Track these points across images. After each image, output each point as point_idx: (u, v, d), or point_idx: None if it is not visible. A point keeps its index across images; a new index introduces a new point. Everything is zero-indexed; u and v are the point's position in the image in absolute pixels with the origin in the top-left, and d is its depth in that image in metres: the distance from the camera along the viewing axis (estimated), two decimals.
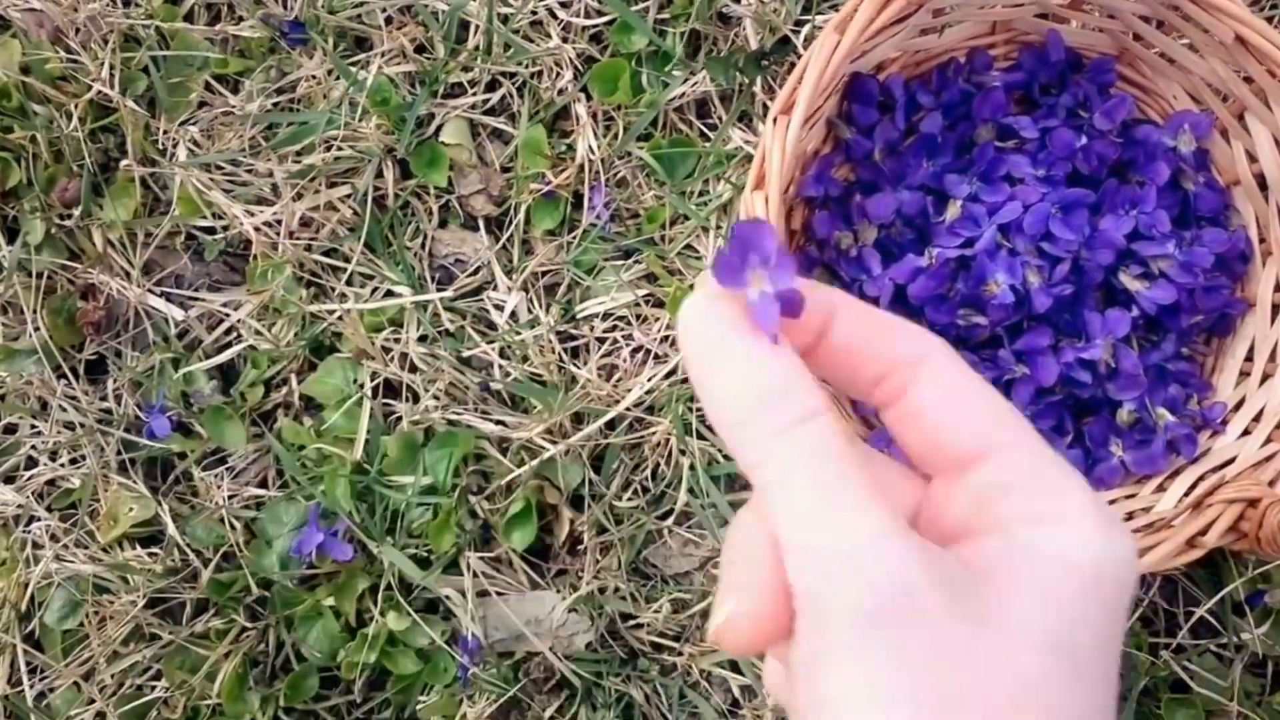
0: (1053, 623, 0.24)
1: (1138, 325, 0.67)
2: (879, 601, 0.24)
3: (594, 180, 0.77)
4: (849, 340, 0.28)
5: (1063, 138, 0.67)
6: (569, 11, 0.80)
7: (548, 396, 0.75)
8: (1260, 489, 0.55)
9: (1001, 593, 0.25)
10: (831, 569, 0.24)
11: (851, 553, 0.24)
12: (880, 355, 0.28)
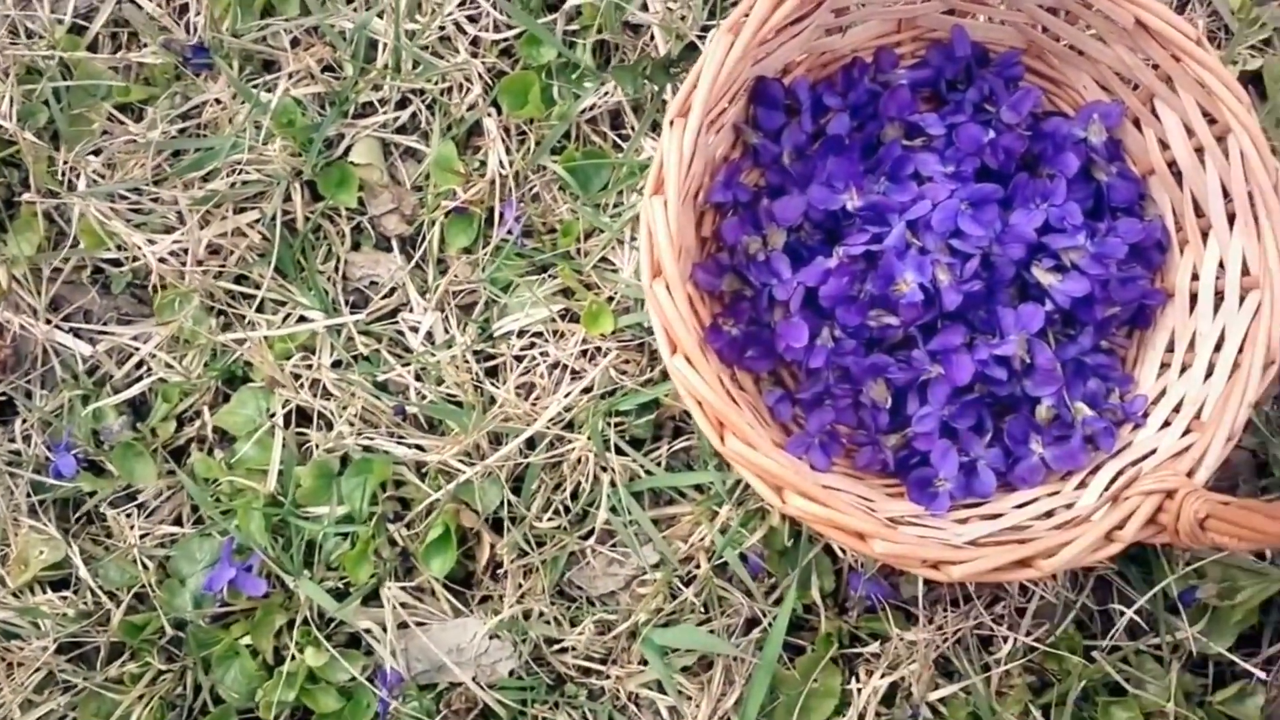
0: None
1: (1054, 320, 0.70)
2: None
3: (505, 195, 0.80)
4: None
5: (969, 133, 0.70)
6: (477, 26, 0.83)
7: (463, 418, 0.77)
8: (1177, 480, 0.58)
9: None
10: None
11: None
12: None
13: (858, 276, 0.68)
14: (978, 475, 0.69)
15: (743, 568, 0.75)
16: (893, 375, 0.69)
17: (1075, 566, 0.59)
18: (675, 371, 0.58)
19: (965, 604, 0.76)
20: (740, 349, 0.71)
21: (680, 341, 0.58)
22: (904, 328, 0.69)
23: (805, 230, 0.71)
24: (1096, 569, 0.76)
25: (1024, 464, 0.69)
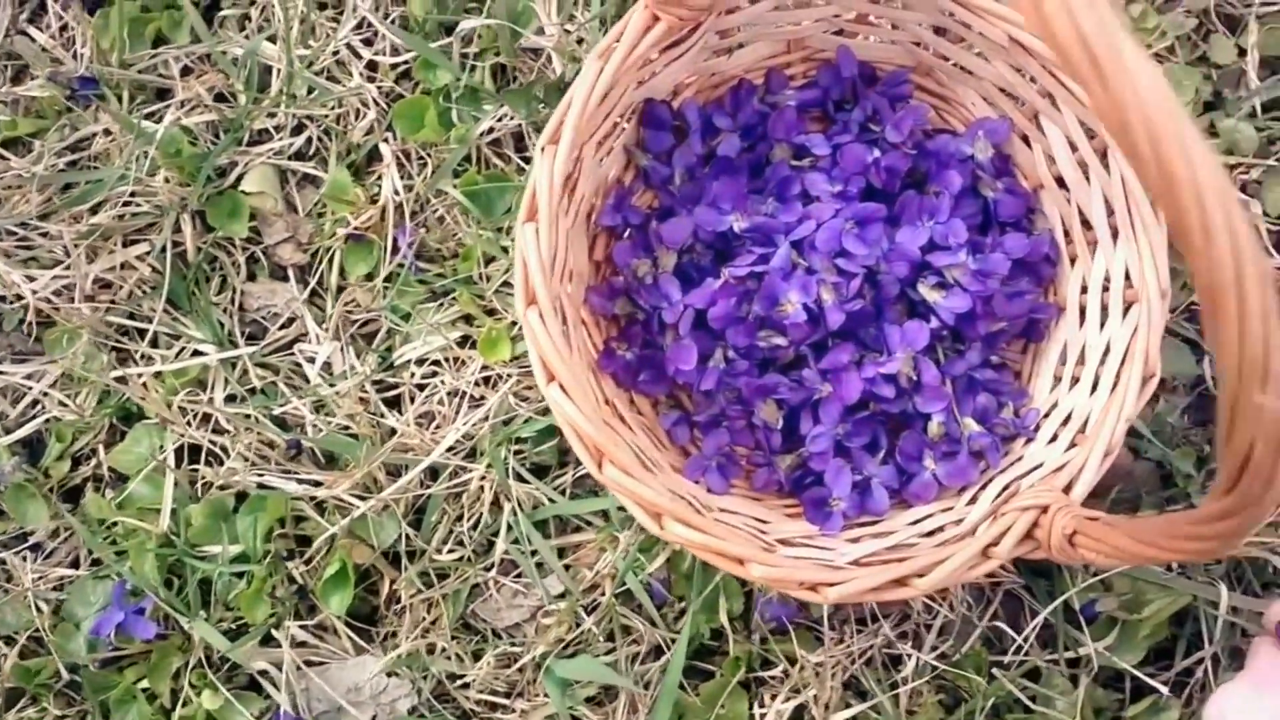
0: None
1: (942, 336, 0.72)
2: None
3: (399, 221, 0.81)
4: None
5: (853, 153, 0.73)
6: (372, 50, 0.85)
7: (358, 450, 0.78)
8: (1051, 495, 0.60)
9: None
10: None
11: None
12: None
13: (744, 298, 0.70)
14: (871, 493, 0.71)
15: (645, 594, 0.76)
16: (783, 395, 0.71)
17: (952, 584, 0.61)
18: (551, 400, 0.60)
19: (873, 622, 0.78)
20: (635, 372, 0.73)
21: (556, 370, 0.60)
22: (793, 347, 0.71)
23: (697, 251, 0.73)
24: (1004, 582, 0.78)
25: (917, 481, 0.71)
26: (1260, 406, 0.34)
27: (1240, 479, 0.37)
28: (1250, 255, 0.33)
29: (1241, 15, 0.82)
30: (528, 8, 0.82)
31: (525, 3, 0.82)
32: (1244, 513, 0.39)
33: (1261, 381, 0.34)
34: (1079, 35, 0.32)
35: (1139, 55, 0.32)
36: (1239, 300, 0.33)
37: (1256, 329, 0.33)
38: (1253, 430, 0.35)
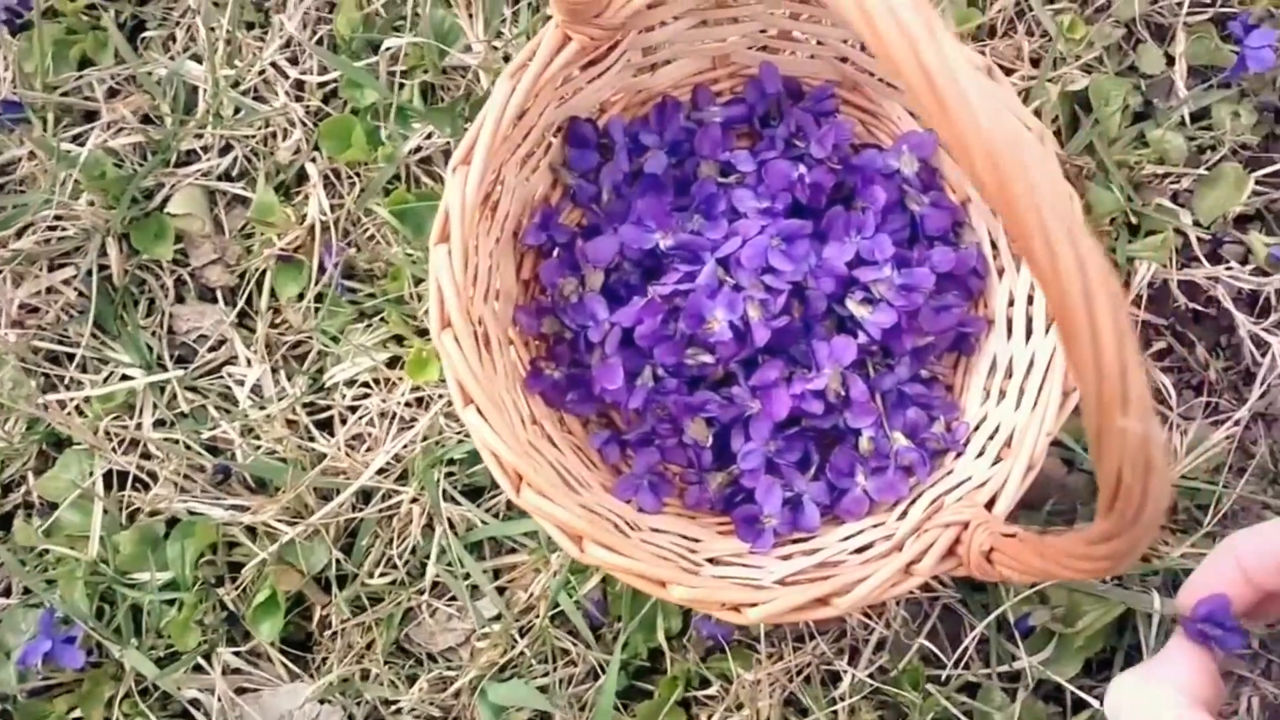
0: None
1: (872, 351, 0.73)
2: None
3: (325, 241, 0.82)
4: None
5: (778, 169, 0.73)
6: (299, 68, 0.85)
7: (285, 475, 0.78)
8: (972, 511, 0.61)
9: None
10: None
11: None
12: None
13: (671, 316, 0.71)
14: (803, 510, 0.72)
15: (578, 615, 0.77)
16: (712, 413, 0.71)
17: (874, 602, 0.62)
18: (469, 424, 0.60)
19: (810, 639, 0.78)
20: (563, 392, 0.73)
21: (472, 394, 0.60)
22: (721, 365, 0.72)
23: (625, 269, 0.74)
24: (941, 596, 0.79)
25: (848, 496, 0.72)
26: (1124, 430, 0.35)
27: (1115, 502, 0.38)
28: (1099, 281, 0.33)
29: (1170, 24, 0.83)
30: (455, 25, 0.83)
31: (452, 20, 0.83)
32: (1125, 535, 0.39)
33: (1122, 406, 0.34)
34: (920, 65, 0.33)
35: (975, 80, 0.33)
36: (1091, 326, 0.33)
37: (1111, 354, 0.34)
38: (1119, 455, 0.35)
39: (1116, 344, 0.33)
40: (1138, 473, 0.36)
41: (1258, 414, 0.81)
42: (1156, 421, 0.34)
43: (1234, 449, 0.80)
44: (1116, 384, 0.34)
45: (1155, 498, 0.36)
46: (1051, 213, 0.33)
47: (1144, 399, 0.34)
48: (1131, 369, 0.34)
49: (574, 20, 0.64)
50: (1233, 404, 0.81)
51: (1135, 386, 0.34)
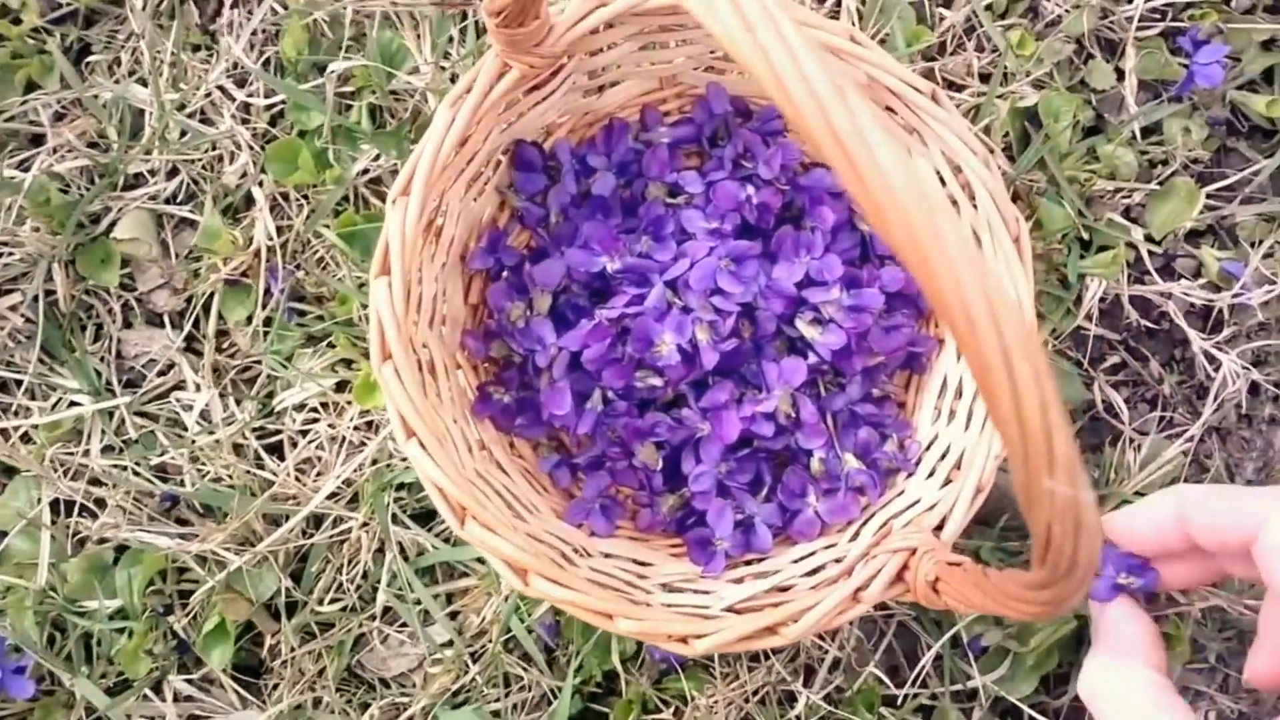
0: None
1: (823, 371, 0.73)
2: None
3: (270, 264, 0.81)
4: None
5: (726, 190, 0.73)
6: (245, 91, 0.85)
7: (232, 501, 0.78)
8: (919, 537, 0.60)
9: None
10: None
11: None
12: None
13: (619, 339, 0.71)
14: (755, 532, 0.72)
15: (530, 640, 0.77)
16: (661, 436, 0.71)
17: (823, 630, 0.62)
18: (411, 457, 0.60)
19: (765, 659, 0.78)
20: (512, 416, 0.73)
21: (414, 426, 0.60)
22: (670, 387, 0.71)
23: (573, 292, 0.74)
24: (896, 614, 0.79)
25: (800, 518, 0.71)
26: (1051, 492, 0.34)
27: (1047, 556, 0.37)
28: (1019, 343, 0.33)
29: (1120, 39, 0.83)
30: (402, 47, 0.82)
31: (399, 42, 0.82)
32: (1058, 586, 0.39)
33: (1048, 468, 0.34)
34: (830, 128, 0.33)
35: (887, 144, 0.33)
36: (1013, 389, 0.33)
37: (1034, 415, 0.33)
38: (1047, 514, 0.35)
39: (1040, 406, 0.33)
40: (1068, 531, 0.35)
41: (1212, 427, 0.81)
42: (1085, 481, 0.34)
43: (1189, 463, 0.80)
44: (1041, 446, 0.33)
45: (1086, 554, 0.36)
46: (968, 275, 0.32)
47: (1070, 460, 0.34)
48: (1056, 431, 0.33)
49: (513, 50, 0.63)
50: (1187, 418, 0.81)
51: (1061, 448, 0.33)
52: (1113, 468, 0.78)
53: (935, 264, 0.32)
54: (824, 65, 0.33)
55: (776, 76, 0.33)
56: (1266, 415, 0.81)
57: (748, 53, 0.34)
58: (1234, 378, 0.79)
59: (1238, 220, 0.82)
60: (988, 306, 0.33)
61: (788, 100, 0.33)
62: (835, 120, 0.32)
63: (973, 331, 0.32)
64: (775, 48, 0.33)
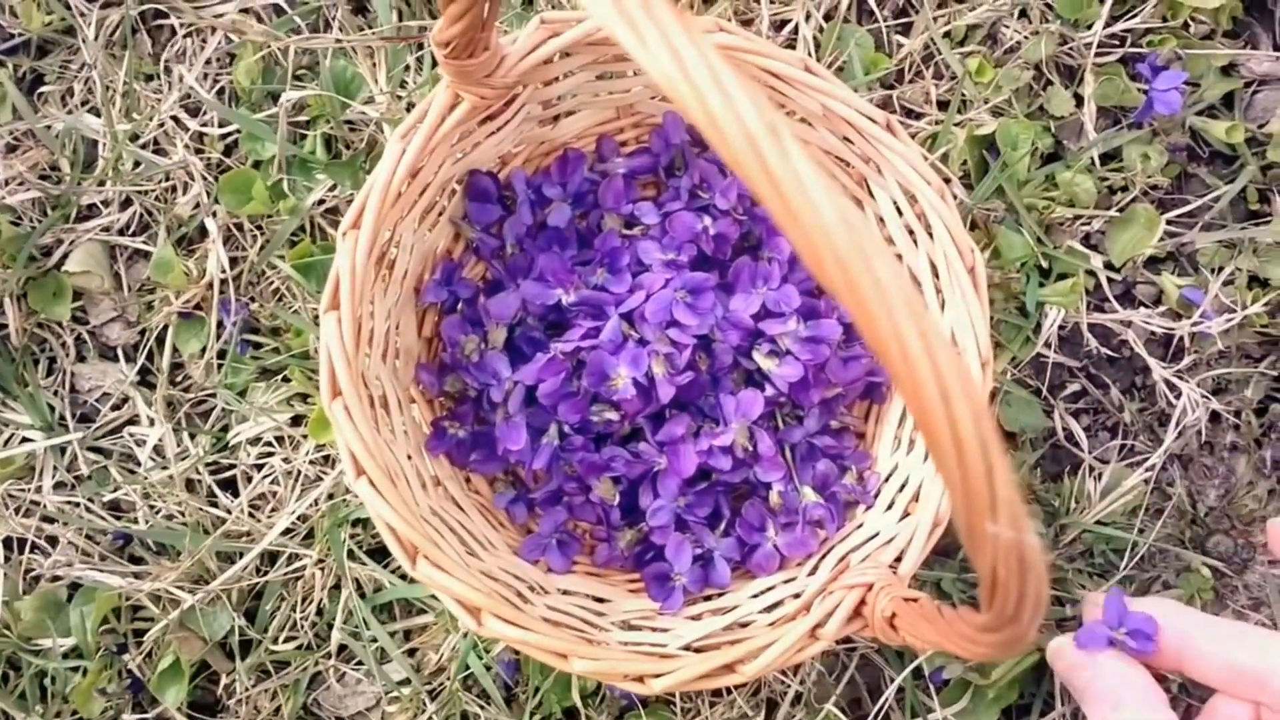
0: None
1: (781, 403, 0.72)
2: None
3: (223, 296, 0.80)
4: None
5: (683, 221, 0.73)
6: (199, 120, 0.84)
7: (185, 539, 0.77)
8: (876, 572, 0.60)
9: None
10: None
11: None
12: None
13: (574, 372, 0.70)
14: (714, 566, 0.71)
15: (488, 678, 0.76)
16: (618, 470, 0.70)
17: (782, 668, 0.61)
18: (362, 496, 0.59)
19: (728, 694, 0.77)
20: (468, 452, 0.72)
21: (364, 465, 0.59)
22: (627, 421, 0.71)
23: (529, 324, 0.73)
24: (858, 647, 0.78)
25: (759, 552, 0.71)
26: (994, 536, 0.34)
27: (994, 600, 0.37)
28: (958, 386, 0.32)
29: (1079, 65, 0.83)
30: (357, 76, 0.82)
31: (353, 71, 0.82)
32: (1007, 629, 0.39)
33: (990, 512, 0.33)
34: (767, 173, 0.32)
35: (816, 180, 0.32)
36: (952, 431, 0.32)
37: (976, 458, 0.32)
38: (991, 558, 0.34)
39: (980, 449, 0.32)
40: (1013, 574, 0.35)
41: (1174, 455, 0.81)
42: (1029, 523, 0.33)
43: (1150, 491, 0.80)
44: (983, 489, 0.32)
45: (1033, 598, 0.35)
46: (904, 316, 0.32)
47: (1013, 503, 0.33)
48: (997, 473, 0.32)
49: (464, 81, 0.63)
50: (1148, 446, 0.81)
51: (1003, 491, 0.33)
52: (1073, 496, 0.78)
53: (870, 305, 0.31)
54: (758, 105, 0.33)
55: (709, 118, 0.32)
56: (1228, 442, 0.81)
57: (680, 91, 0.33)
58: (1194, 406, 0.79)
59: (1198, 247, 0.82)
60: (924, 347, 0.32)
61: (722, 143, 0.32)
62: (769, 160, 0.32)
63: (910, 373, 0.32)
64: (708, 87, 0.33)
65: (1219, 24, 0.84)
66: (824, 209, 0.32)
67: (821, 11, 0.82)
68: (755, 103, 0.33)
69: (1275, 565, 0.80)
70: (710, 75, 0.33)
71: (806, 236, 0.32)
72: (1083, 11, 0.82)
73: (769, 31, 0.82)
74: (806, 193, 0.32)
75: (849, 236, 0.32)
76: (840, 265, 0.32)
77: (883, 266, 0.32)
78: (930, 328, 0.32)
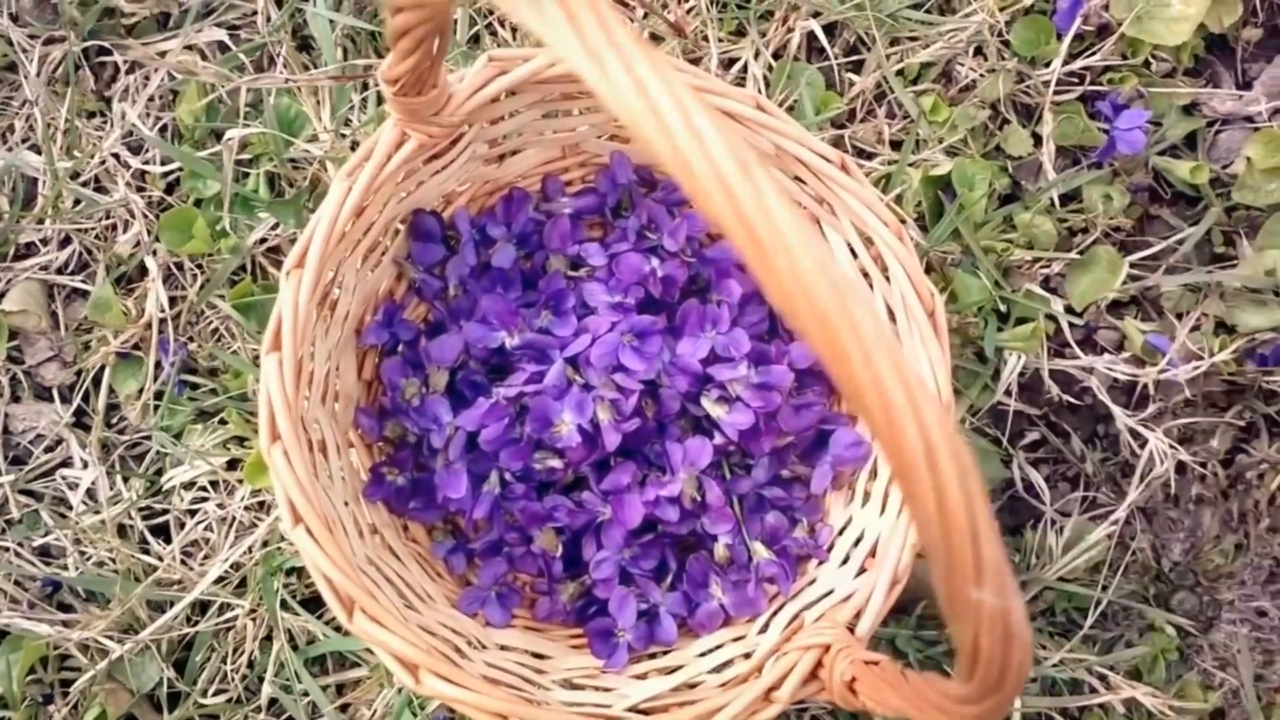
0: None
1: (731, 451, 0.70)
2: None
3: (161, 336, 0.78)
4: None
5: (630, 262, 0.70)
6: (141, 158, 0.81)
7: (114, 587, 0.73)
8: (833, 632, 0.57)
9: None
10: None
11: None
12: None
13: (518, 418, 0.67)
14: (660, 622, 0.68)
15: None
16: (560, 520, 0.68)
17: None
18: (298, 545, 0.56)
19: None
20: (406, 499, 0.69)
21: (302, 513, 0.56)
22: (571, 469, 0.68)
23: (472, 368, 0.71)
24: (809, 706, 0.75)
25: (703, 610, 0.68)
26: (978, 603, 0.31)
27: (975, 670, 0.34)
28: (944, 443, 0.29)
29: (1037, 104, 0.81)
30: (301, 114, 0.80)
31: (298, 109, 0.79)
32: (988, 700, 0.36)
33: (975, 578, 0.31)
34: (737, 214, 0.30)
35: (793, 222, 0.30)
36: (937, 491, 0.29)
37: (961, 522, 0.30)
38: (974, 626, 0.32)
39: (966, 511, 0.30)
40: (997, 644, 0.32)
41: (1138, 508, 0.78)
42: (1015, 590, 0.31)
43: (1114, 546, 0.77)
44: (968, 554, 0.30)
45: (1016, 669, 0.33)
46: (887, 368, 0.29)
47: (999, 569, 0.31)
48: (984, 537, 0.30)
49: (412, 119, 0.60)
50: (1111, 498, 0.78)
51: (989, 556, 0.30)
52: (1033, 551, 0.75)
53: (851, 356, 0.29)
54: (729, 142, 0.30)
55: (678, 155, 0.30)
56: (1193, 495, 0.78)
57: (648, 127, 0.31)
58: (1161, 457, 0.76)
59: (1162, 291, 0.80)
60: (909, 400, 0.29)
61: (692, 183, 0.30)
62: (740, 200, 0.29)
63: (892, 427, 0.29)
64: (676, 124, 0.30)
65: (1180, 62, 0.82)
66: (800, 250, 0.29)
67: (771, 50, 0.80)
68: (727, 138, 0.30)
69: (1243, 624, 0.77)
70: (679, 110, 0.30)
71: (779, 279, 0.30)
72: (1040, 49, 0.81)
73: (718, 70, 0.80)
74: (781, 234, 0.30)
75: (826, 279, 0.29)
76: (815, 310, 0.30)
77: (862, 311, 0.30)
78: (914, 378, 0.30)
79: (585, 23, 0.30)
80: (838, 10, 0.80)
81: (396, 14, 0.45)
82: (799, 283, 0.29)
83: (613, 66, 0.30)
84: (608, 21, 0.30)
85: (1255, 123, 0.82)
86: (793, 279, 0.29)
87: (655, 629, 0.68)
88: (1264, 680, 0.77)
